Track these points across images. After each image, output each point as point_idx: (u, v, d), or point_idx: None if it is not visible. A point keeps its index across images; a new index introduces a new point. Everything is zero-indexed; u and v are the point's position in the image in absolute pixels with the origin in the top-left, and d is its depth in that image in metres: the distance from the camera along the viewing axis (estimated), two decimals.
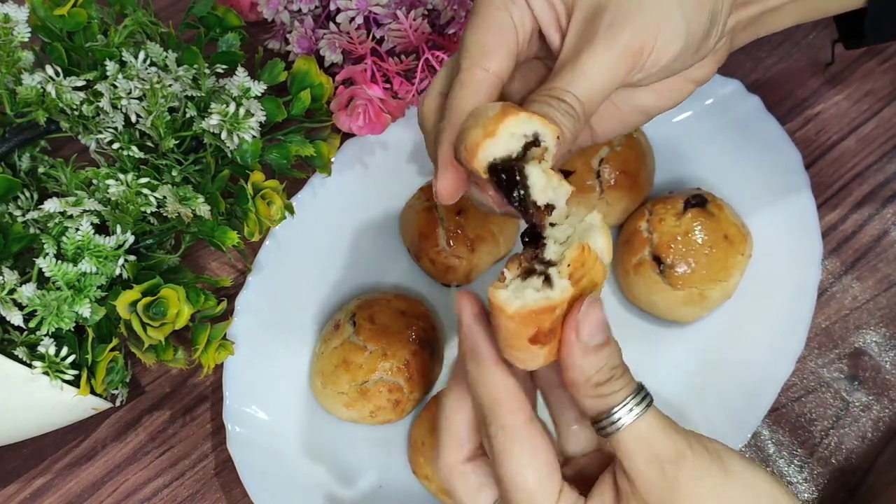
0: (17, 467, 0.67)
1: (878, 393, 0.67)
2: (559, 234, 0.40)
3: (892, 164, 0.74)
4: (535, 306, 0.38)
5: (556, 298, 0.39)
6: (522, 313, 0.38)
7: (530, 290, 0.39)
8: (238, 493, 0.65)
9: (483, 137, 0.39)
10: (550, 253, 0.40)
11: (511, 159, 0.40)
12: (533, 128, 0.40)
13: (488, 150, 0.40)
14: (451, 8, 0.67)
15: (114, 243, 0.57)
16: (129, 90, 0.60)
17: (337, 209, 0.71)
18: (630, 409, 0.39)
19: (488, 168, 0.40)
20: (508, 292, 0.39)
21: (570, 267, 0.39)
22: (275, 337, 0.67)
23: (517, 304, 0.38)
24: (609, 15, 0.43)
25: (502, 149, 0.40)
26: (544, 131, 0.40)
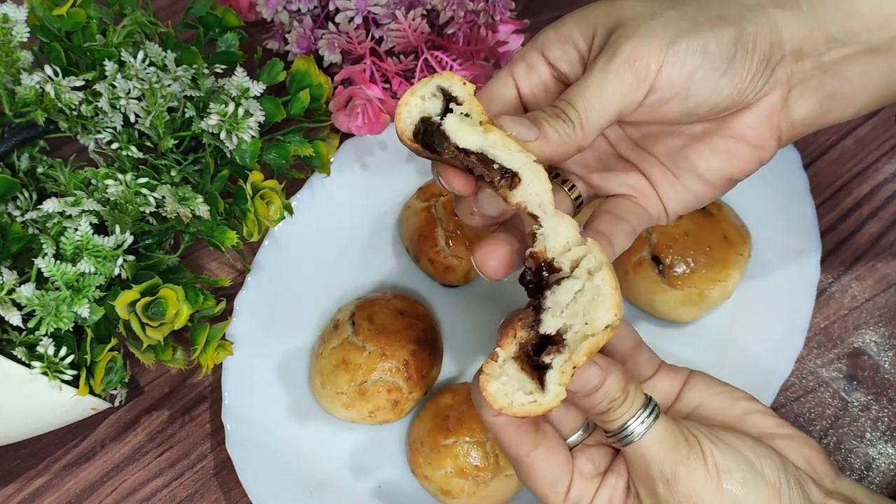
0: (16, 467, 0.67)
1: (877, 392, 0.67)
2: (562, 296, 0.40)
3: (890, 165, 0.74)
4: (521, 412, 0.40)
5: (543, 406, 0.40)
6: (508, 412, 0.40)
7: (520, 393, 0.40)
8: (237, 493, 0.65)
9: (399, 110, 0.41)
10: (549, 326, 0.40)
11: (429, 120, 0.41)
12: (436, 83, 0.41)
13: (405, 119, 0.41)
14: (451, 8, 0.67)
15: (112, 243, 0.57)
16: (128, 90, 0.60)
17: (336, 209, 0.70)
18: (632, 430, 0.43)
19: (413, 136, 0.41)
20: (499, 385, 0.40)
21: (574, 369, 0.40)
22: (274, 337, 0.67)
23: (504, 403, 0.40)
24: (619, 30, 0.44)
25: (416, 112, 0.41)
26: (450, 83, 0.41)
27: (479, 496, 0.61)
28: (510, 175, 0.41)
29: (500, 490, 0.62)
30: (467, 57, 0.69)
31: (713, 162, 0.48)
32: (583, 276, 0.40)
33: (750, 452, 0.43)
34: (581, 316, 0.40)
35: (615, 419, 0.43)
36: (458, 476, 0.61)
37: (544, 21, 0.48)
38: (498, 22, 0.69)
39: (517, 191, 0.41)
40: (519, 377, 0.40)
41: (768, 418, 0.47)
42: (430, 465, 0.62)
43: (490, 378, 0.40)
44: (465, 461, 0.61)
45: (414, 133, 0.41)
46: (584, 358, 0.39)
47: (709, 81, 0.44)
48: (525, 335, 0.40)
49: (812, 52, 0.45)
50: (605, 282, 0.40)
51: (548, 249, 0.41)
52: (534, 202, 0.41)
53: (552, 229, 0.41)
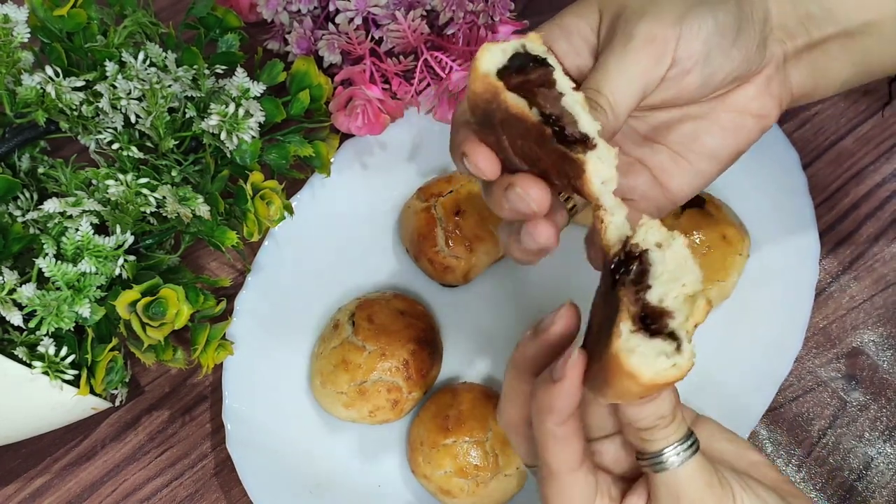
0: (16, 467, 0.67)
1: (876, 392, 0.67)
2: (658, 268, 0.38)
3: (889, 165, 0.74)
4: (669, 378, 0.37)
5: (684, 370, 0.37)
6: (658, 382, 0.37)
7: (662, 357, 0.37)
8: (237, 493, 0.65)
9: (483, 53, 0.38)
10: (654, 295, 0.38)
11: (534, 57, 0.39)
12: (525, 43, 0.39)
13: (490, 57, 0.38)
14: (450, 9, 0.67)
15: (113, 243, 0.57)
16: (129, 91, 0.60)
17: (336, 209, 0.71)
18: (669, 457, 0.40)
19: (497, 73, 0.38)
20: (639, 358, 0.37)
21: (696, 327, 0.38)
22: (274, 337, 0.67)
23: (650, 374, 0.36)
24: (625, 15, 0.44)
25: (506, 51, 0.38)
26: (538, 49, 0.39)
27: (479, 496, 0.62)
28: (584, 138, 0.39)
29: (500, 490, 0.62)
30: (467, 57, 0.70)
31: (725, 138, 0.49)
32: (654, 248, 0.39)
33: (771, 499, 0.42)
34: (676, 281, 0.38)
35: (657, 440, 0.40)
36: (457, 476, 0.61)
37: (544, 21, 0.47)
38: (497, 23, 0.69)
39: (592, 158, 0.39)
40: (651, 344, 0.37)
41: (774, 472, 0.46)
42: (430, 465, 0.62)
43: (630, 352, 0.37)
44: (465, 461, 0.61)
45: (499, 74, 0.38)
46: (703, 314, 0.38)
47: (722, 49, 0.45)
48: (635, 310, 0.38)
49: (797, 29, 0.47)
50: (682, 247, 0.39)
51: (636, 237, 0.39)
52: (602, 181, 0.39)
53: (619, 224, 0.40)
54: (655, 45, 0.43)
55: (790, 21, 0.47)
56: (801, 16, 0.47)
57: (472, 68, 0.39)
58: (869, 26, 0.47)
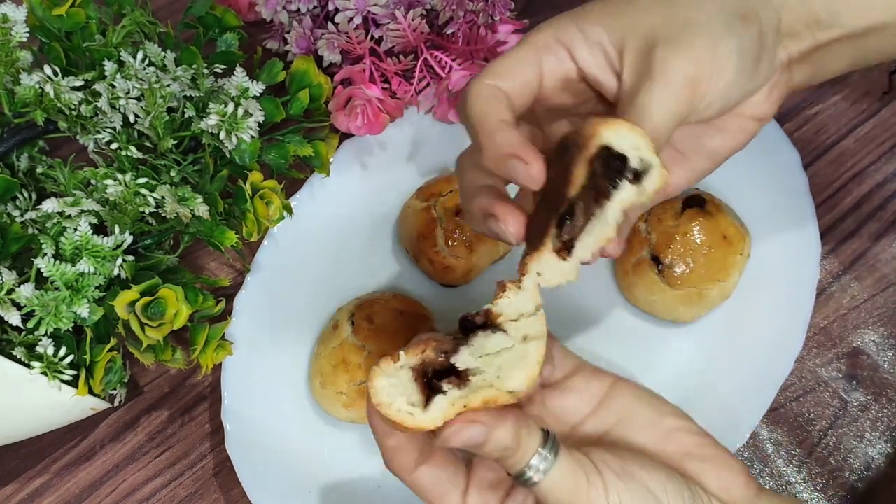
0: (15, 467, 0.67)
1: (877, 392, 0.67)
2: (491, 344, 0.40)
3: (890, 164, 0.74)
4: (394, 417, 0.39)
5: (417, 423, 0.39)
6: (382, 411, 0.39)
7: (403, 399, 0.39)
8: (237, 494, 0.65)
9: (622, 124, 0.39)
10: (462, 360, 0.39)
11: (625, 161, 0.39)
12: (652, 162, 0.39)
13: (617, 135, 0.39)
14: (450, 8, 0.67)
15: (112, 243, 0.57)
16: (128, 90, 0.60)
17: (335, 209, 0.71)
18: (533, 471, 0.41)
19: (601, 148, 0.39)
20: (387, 382, 0.39)
21: (465, 408, 0.39)
22: (273, 337, 0.67)
23: (382, 400, 0.39)
24: (662, 47, 0.43)
25: (627, 144, 0.39)
26: (656, 175, 0.40)
27: None
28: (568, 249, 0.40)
29: None
30: (467, 57, 0.69)
31: (725, 141, 0.50)
32: (517, 338, 0.40)
33: (658, 488, 0.42)
34: (497, 369, 0.39)
35: (512, 466, 0.41)
36: None
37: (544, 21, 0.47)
38: (497, 22, 0.69)
39: (547, 261, 0.40)
40: (409, 385, 0.39)
41: (692, 437, 0.46)
42: None
43: (381, 373, 0.39)
44: None
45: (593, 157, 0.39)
46: (478, 403, 0.39)
47: (742, 84, 0.45)
48: (433, 356, 0.40)
49: (804, 33, 0.47)
50: (535, 352, 0.40)
51: (503, 315, 0.40)
52: (536, 277, 0.41)
53: (519, 303, 0.40)
54: (692, 87, 0.43)
55: (798, 26, 0.47)
56: (810, 21, 0.47)
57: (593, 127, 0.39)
58: (874, 28, 0.47)
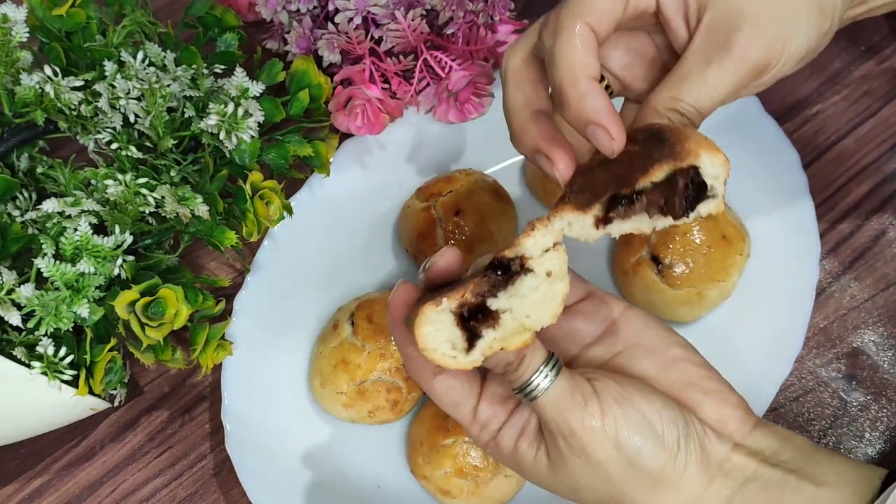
0: (15, 467, 0.67)
1: (876, 392, 0.67)
2: (522, 288, 0.41)
3: (889, 164, 0.74)
4: (439, 361, 0.40)
5: (459, 364, 0.41)
6: (428, 356, 0.40)
7: (448, 344, 0.40)
8: (237, 493, 0.65)
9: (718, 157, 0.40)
10: (500, 302, 0.41)
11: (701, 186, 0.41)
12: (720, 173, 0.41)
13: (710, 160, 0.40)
14: (450, 8, 0.67)
15: (112, 243, 0.57)
16: (128, 90, 0.60)
17: (335, 209, 0.71)
18: (534, 387, 0.43)
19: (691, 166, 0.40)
20: (431, 328, 0.40)
21: (502, 350, 0.41)
22: (273, 337, 0.67)
23: (427, 345, 0.40)
24: (745, 30, 0.43)
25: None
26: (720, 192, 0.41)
27: (479, 496, 0.61)
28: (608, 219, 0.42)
29: (500, 490, 0.62)
30: (466, 57, 0.70)
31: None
32: (541, 275, 0.41)
33: (654, 415, 0.44)
34: (526, 307, 0.41)
35: (514, 380, 0.43)
36: (457, 476, 0.61)
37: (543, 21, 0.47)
38: (497, 22, 0.69)
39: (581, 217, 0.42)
40: (452, 331, 0.40)
41: (696, 368, 0.47)
42: (430, 465, 0.62)
43: (427, 320, 0.40)
44: (465, 461, 0.61)
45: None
46: (513, 347, 0.41)
47: (802, 62, 0.46)
48: (471, 299, 0.41)
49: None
50: (560, 291, 0.41)
51: (532, 256, 0.42)
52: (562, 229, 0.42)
53: (542, 240, 0.42)
54: (757, 67, 0.43)
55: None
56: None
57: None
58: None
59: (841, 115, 0.76)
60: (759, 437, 0.46)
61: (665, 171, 0.40)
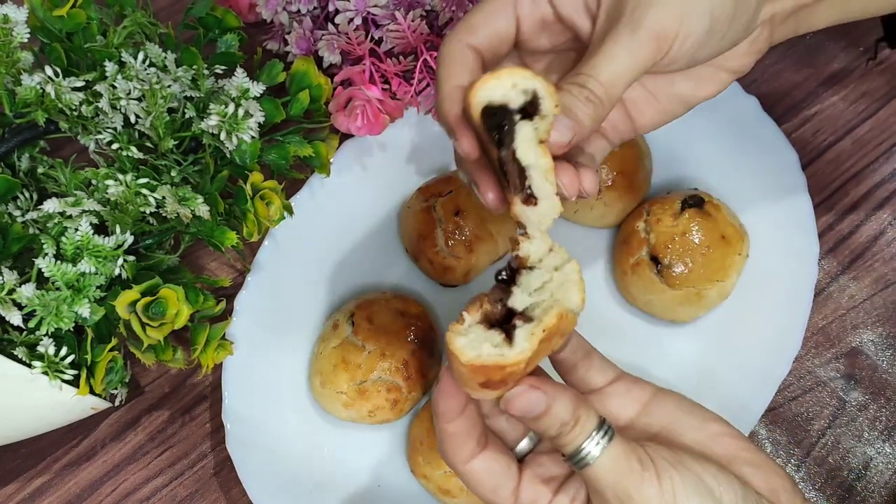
0: (16, 467, 0.67)
1: (875, 392, 0.67)
2: (533, 280, 0.41)
3: (888, 165, 0.74)
4: (489, 362, 0.39)
5: (510, 359, 0.39)
6: (474, 365, 0.39)
7: (487, 344, 0.39)
8: (237, 493, 0.65)
9: (488, 78, 0.40)
10: (517, 301, 0.40)
11: (506, 109, 0.40)
12: (534, 86, 0.40)
13: (487, 91, 0.40)
14: (450, 9, 0.67)
15: (113, 243, 0.57)
16: (129, 91, 0.60)
17: (335, 210, 0.71)
18: (587, 454, 0.42)
19: (483, 110, 0.40)
20: (466, 340, 0.39)
21: (544, 332, 0.40)
22: (274, 337, 0.67)
23: (471, 355, 0.39)
24: (641, 5, 0.44)
25: (500, 94, 0.40)
26: (544, 94, 0.40)
27: None
28: (531, 197, 0.41)
29: None
30: None
31: (697, 89, 0.50)
32: (550, 270, 0.41)
33: (710, 478, 0.42)
34: (550, 296, 0.40)
35: (568, 443, 0.42)
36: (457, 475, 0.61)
37: None
38: None
39: (527, 209, 0.41)
40: (486, 335, 0.40)
41: (738, 441, 0.46)
42: (430, 465, 0.62)
43: (457, 334, 0.40)
44: None
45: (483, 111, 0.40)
46: (554, 320, 0.40)
47: (712, 43, 0.45)
48: (490, 308, 0.41)
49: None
50: (573, 271, 0.41)
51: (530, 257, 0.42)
52: (534, 224, 0.42)
53: (535, 249, 0.42)
54: (658, 41, 0.43)
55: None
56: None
57: (468, 95, 0.40)
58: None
59: (839, 115, 0.76)
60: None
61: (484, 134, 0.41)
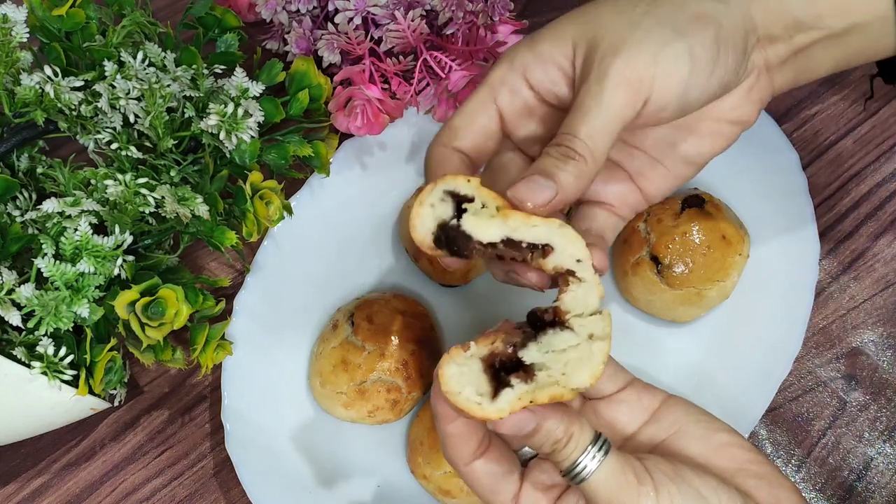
0: (15, 467, 0.67)
1: (875, 392, 0.67)
2: (557, 342, 0.40)
3: (888, 165, 0.74)
4: (463, 406, 0.40)
5: (485, 413, 0.40)
6: (450, 399, 0.40)
7: (471, 388, 0.40)
8: (236, 493, 0.65)
9: (412, 221, 0.41)
10: (528, 355, 0.40)
11: (447, 224, 0.41)
12: (441, 189, 0.41)
13: (420, 229, 0.41)
14: (450, 9, 0.67)
15: (112, 243, 0.57)
16: (128, 90, 0.60)
17: (335, 209, 0.71)
18: (582, 468, 0.42)
19: (434, 243, 0.41)
20: (456, 371, 0.40)
21: (531, 403, 0.40)
22: (273, 337, 0.67)
23: (451, 389, 0.39)
24: (601, 49, 0.43)
25: (430, 220, 0.41)
26: (454, 185, 0.41)
27: None
28: (541, 248, 0.41)
29: None
30: (466, 57, 0.70)
31: (701, 146, 0.49)
32: (583, 336, 0.41)
33: (710, 492, 0.42)
34: (562, 366, 0.40)
35: (563, 460, 0.42)
36: (457, 476, 0.61)
37: (544, 21, 0.47)
38: (497, 22, 0.69)
39: (551, 258, 0.41)
40: (478, 376, 0.40)
41: (745, 453, 0.46)
42: (430, 465, 0.62)
43: (451, 361, 0.40)
44: None
45: (435, 240, 0.41)
46: (545, 399, 0.40)
47: (699, 83, 0.44)
48: (502, 348, 0.40)
49: (782, 35, 0.47)
50: (600, 352, 0.41)
51: (570, 311, 0.41)
52: (570, 262, 0.41)
53: (583, 296, 0.41)
54: (630, 85, 0.43)
55: (776, 29, 0.47)
56: (788, 23, 0.47)
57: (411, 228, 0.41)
58: (855, 27, 0.47)
59: (840, 115, 0.76)
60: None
61: None
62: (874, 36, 0.47)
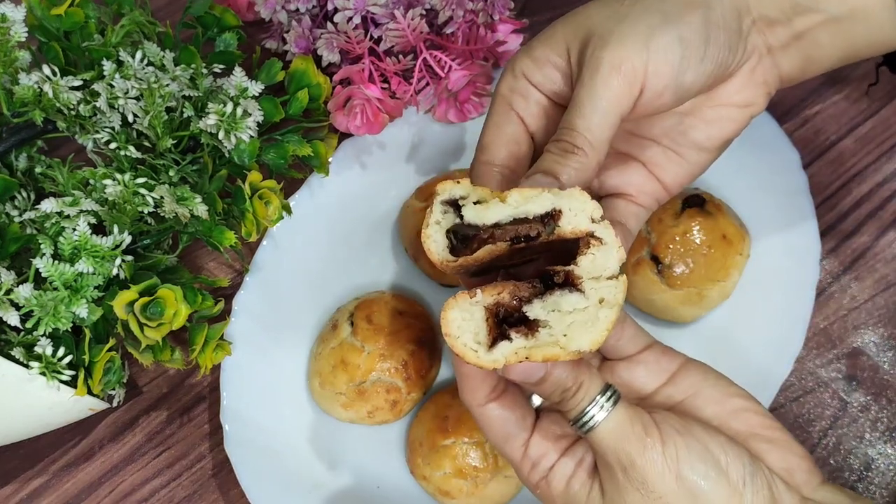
0: (14, 468, 0.67)
1: (876, 393, 0.67)
2: (565, 303, 0.40)
3: (889, 164, 0.74)
4: (459, 350, 0.40)
5: (479, 360, 0.40)
6: (447, 340, 0.40)
7: (470, 334, 0.40)
8: (235, 494, 0.65)
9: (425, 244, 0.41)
10: (533, 311, 0.40)
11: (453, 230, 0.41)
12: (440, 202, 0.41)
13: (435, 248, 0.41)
14: (449, 8, 0.67)
15: (111, 243, 0.57)
16: (127, 90, 0.60)
17: (334, 209, 0.70)
18: (590, 418, 0.42)
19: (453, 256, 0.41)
20: (458, 314, 0.40)
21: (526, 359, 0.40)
22: (272, 337, 0.67)
23: (453, 332, 0.40)
24: (591, 44, 0.44)
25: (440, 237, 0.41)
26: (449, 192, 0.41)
27: (478, 497, 0.61)
28: (550, 215, 0.40)
29: (499, 491, 0.62)
30: (466, 56, 0.69)
31: (710, 131, 0.50)
32: (593, 300, 0.40)
33: (718, 449, 0.43)
34: (565, 327, 0.40)
35: (571, 409, 0.42)
36: (456, 476, 0.61)
37: (544, 21, 0.48)
38: (497, 21, 0.69)
39: (564, 221, 0.40)
40: (479, 324, 0.40)
41: (759, 418, 0.47)
42: (429, 466, 0.62)
43: (455, 306, 0.40)
44: (464, 462, 0.61)
45: (451, 251, 0.41)
46: (539, 358, 0.40)
47: (693, 66, 0.45)
48: (508, 300, 0.40)
49: (780, 17, 0.47)
50: (606, 319, 0.40)
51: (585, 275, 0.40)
52: (585, 221, 0.40)
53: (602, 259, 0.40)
54: (623, 73, 0.43)
55: (772, 12, 0.47)
56: (785, 6, 0.47)
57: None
58: (855, 12, 0.47)
59: (841, 114, 0.75)
60: (827, 493, 0.45)
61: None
62: (877, 24, 0.47)
